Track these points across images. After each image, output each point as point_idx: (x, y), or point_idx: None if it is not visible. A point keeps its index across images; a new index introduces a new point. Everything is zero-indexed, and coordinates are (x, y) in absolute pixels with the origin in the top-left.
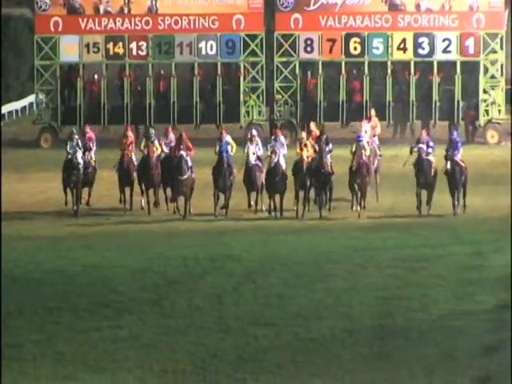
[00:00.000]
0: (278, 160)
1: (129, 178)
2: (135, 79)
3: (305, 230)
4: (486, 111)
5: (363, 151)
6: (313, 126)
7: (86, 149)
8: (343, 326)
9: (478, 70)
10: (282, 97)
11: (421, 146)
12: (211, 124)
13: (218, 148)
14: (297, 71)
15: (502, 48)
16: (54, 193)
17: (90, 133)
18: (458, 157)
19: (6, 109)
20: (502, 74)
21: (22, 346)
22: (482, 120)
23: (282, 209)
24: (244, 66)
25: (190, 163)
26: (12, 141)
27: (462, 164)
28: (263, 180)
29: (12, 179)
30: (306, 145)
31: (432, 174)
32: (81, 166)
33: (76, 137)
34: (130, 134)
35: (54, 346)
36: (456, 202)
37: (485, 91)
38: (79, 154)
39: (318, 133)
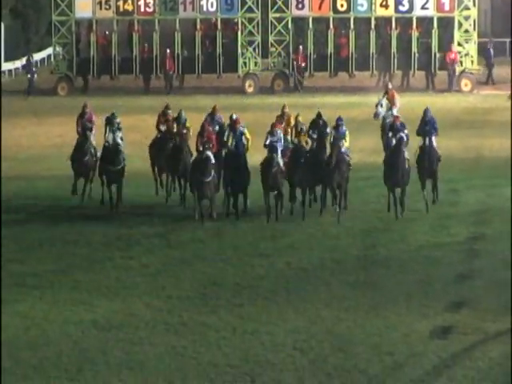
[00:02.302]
0: (277, 162)
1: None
2: (143, 33)
3: None
4: (460, 62)
5: (343, 141)
6: (287, 108)
7: (87, 130)
8: (331, 257)
9: (453, 25)
10: (276, 49)
11: (402, 134)
12: (212, 74)
13: (230, 140)
14: (289, 26)
15: (474, 5)
16: (69, 136)
17: (89, 113)
18: (434, 142)
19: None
20: (474, 29)
21: (42, 275)
22: (457, 70)
23: (282, 207)
24: (241, 22)
25: (213, 161)
26: (31, 88)
27: (438, 151)
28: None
29: (32, 123)
30: (301, 130)
31: (407, 170)
32: (121, 157)
33: (117, 120)
34: (170, 113)
35: (70, 274)
36: (425, 193)
37: (459, 44)
38: (120, 141)
39: (292, 119)
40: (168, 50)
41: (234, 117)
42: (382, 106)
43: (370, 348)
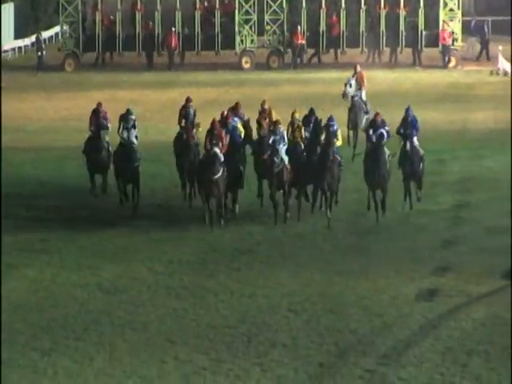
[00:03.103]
0: (281, 159)
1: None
2: (145, 12)
3: None
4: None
5: (335, 141)
6: (266, 105)
7: (103, 128)
8: (324, 224)
9: (439, 4)
10: (271, 28)
11: (382, 131)
12: (210, 51)
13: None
14: (284, 5)
15: None
16: (76, 110)
17: (103, 111)
18: (415, 141)
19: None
20: (459, 8)
21: (49, 241)
22: (441, 46)
23: (287, 208)
24: (238, 1)
25: (222, 159)
26: (40, 65)
27: (421, 150)
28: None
29: (41, 98)
30: (298, 127)
31: (388, 169)
32: (138, 155)
33: (132, 117)
34: (192, 106)
35: (76, 240)
36: (408, 197)
37: (444, 22)
38: (134, 140)
39: (274, 114)
40: (173, 29)
41: (226, 113)
42: (350, 85)
43: (360, 310)
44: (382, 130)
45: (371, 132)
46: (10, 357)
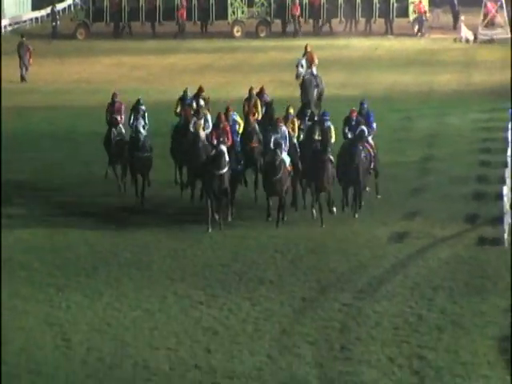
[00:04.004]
0: (284, 163)
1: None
2: None
3: None
4: (414, 11)
5: (330, 136)
6: (254, 90)
7: (113, 124)
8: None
9: None
10: (260, 0)
11: (363, 127)
12: (205, 21)
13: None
14: None
15: None
16: (86, 73)
17: (118, 102)
18: (370, 140)
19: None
20: None
21: (64, 190)
22: (411, 16)
23: (283, 213)
24: None
25: (227, 158)
26: (55, 34)
27: (372, 151)
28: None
29: (55, 63)
30: (293, 122)
31: (363, 167)
32: (147, 145)
33: (143, 107)
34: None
35: (86, 192)
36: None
37: None
38: (143, 131)
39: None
40: (185, 2)
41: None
42: (302, 66)
43: (339, 251)
44: (363, 127)
45: (347, 130)
46: (30, 292)
